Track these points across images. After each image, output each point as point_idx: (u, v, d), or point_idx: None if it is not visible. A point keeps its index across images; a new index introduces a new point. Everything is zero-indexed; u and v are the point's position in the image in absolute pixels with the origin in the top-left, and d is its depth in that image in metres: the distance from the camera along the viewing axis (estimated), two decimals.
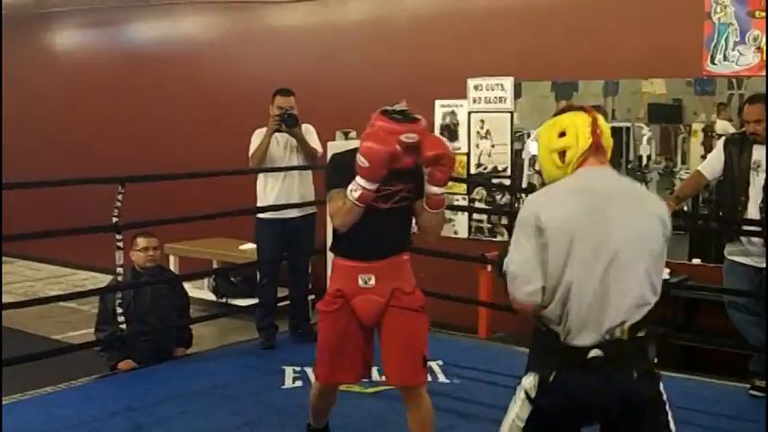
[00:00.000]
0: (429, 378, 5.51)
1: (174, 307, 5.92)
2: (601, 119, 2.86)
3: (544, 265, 2.69)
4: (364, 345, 3.97)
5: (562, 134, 2.82)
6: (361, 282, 3.82)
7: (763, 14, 5.98)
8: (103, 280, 7.38)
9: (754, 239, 5.15)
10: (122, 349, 5.67)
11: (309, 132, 6.39)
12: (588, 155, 2.81)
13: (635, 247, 2.70)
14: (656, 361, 2.80)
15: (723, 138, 5.50)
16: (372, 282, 3.81)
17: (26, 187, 7.93)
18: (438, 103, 7.56)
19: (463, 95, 7.42)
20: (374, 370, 5.64)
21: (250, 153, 6.29)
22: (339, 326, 3.89)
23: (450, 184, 7.27)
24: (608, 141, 2.86)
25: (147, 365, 5.72)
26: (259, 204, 6.41)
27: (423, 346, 3.85)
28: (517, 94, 7.14)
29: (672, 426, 2.82)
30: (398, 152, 3.58)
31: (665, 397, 2.80)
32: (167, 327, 5.89)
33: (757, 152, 5.12)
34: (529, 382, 2.76)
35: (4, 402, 4.87)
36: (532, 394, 2.75)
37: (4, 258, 10.69)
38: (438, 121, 7.57)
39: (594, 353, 2.65)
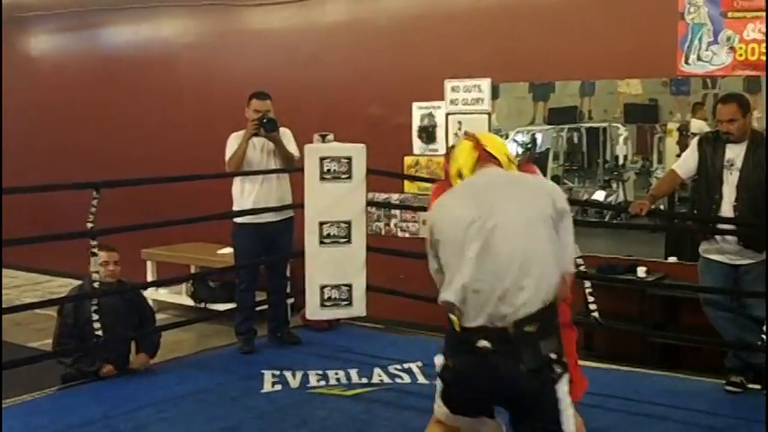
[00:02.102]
0: (408, 379, 5.57)
1: (131, 324, 5.78)
2: (483, 136, 3.31)
3: (445, 267, 3.04)
4: None
5: (455, 162, 3.27)
6: None
7: (737, 15, 6.02)
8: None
9: (729, 237, 5.19)
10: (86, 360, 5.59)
11: (287, 136, 6.37)
12: (478, 166, 3.20)
13: (517, 233, 2.94)
14: (555, 357, 2.88)
15: (697, 137, 5.53)
16: None
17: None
18: (416, 104, 7.56)
19: (441, 97, 7.43)
20: (354, 372, 5.69)
21: (227, 158, 6.25)
22: None
23: (428, 185, 7.37)
24: (498, 149, 3.25)
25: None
26: (236, 209, 6.38)
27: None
28: (494, 95, 7.16)
29: (564, 426, 2.90)
30: None
31: (559, 394, 2.89)
32: (113, 340, 5.68)
33: (730, 151, 5.15)
34: (438, 361, 3.06)
35: None
36: (439, 371, 3.06)
37: None
38: (416, 123, 7.57)
39: (481, 343, 2.88)
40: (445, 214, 3.10)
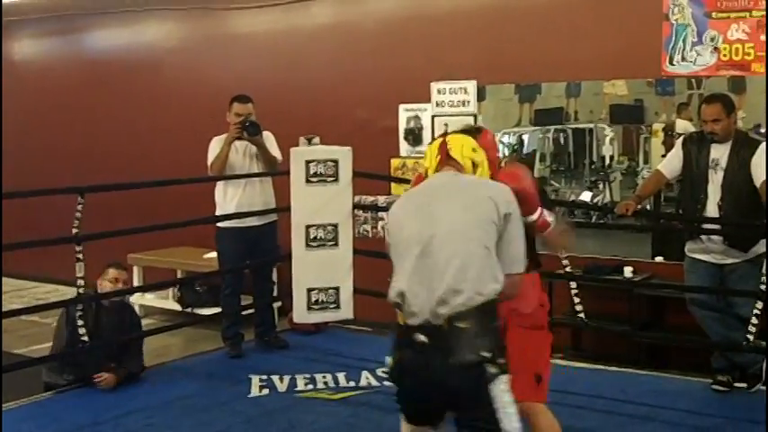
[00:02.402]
0: (382, 383, 5.55)
1: (124, 345, 5.77)
2: (452, 138, 3.40)
3: (394, 268, 3.17)
4: None
5: (424, 160, 3.40)
6: None
7: (721, 15, 6.04)
8: (66, 292, 7.32)
9: (714, 237, 5.20)
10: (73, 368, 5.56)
11: (269, 140, 6.35)
12: (440, 167, 3.32)
13: (455, 237, 3.04)
14: (488, 355, 2.92)
15: (681, 137, 5.55)
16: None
17: None
18: (402, 107, 7.56)
19: (427, 99, 7.43)
20: (341, 375, 5.69)
21: (209, 161, 6.23)
22: None
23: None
24: (462, 152, 3.32)
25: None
26: (219, 213, 6.35)
27: (534, 364, 3.75)
28: (481, 97, 7.16)
29: (503, 425, 2.95)
30: None
31: (494, 392, 2.94)
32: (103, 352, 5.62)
33: (715, 151, 5.16)
34: (388, 361, 3.15)
35: None
36: (387, 371, 3.18)
37: None
38: (402, 126, 7.57)
39: (418, 337, 2.99)
40: (393, 218, 3.27)
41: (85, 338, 5.40)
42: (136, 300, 8.17)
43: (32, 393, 5.47)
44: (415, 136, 7.55)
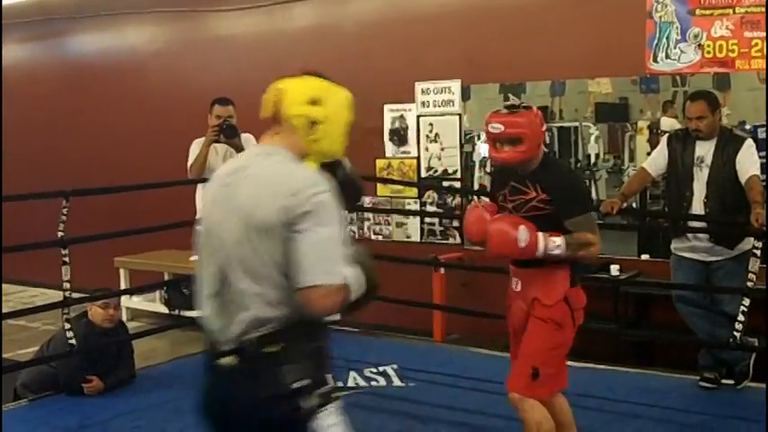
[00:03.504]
0: (383, 382, 5.55)
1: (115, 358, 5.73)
2: (288, 86, 2.63)
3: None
4: (514, 350, 3.87)
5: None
6: (513, 284, 3.82)
7: (704, 12, 6.06)
8: (52, 296, 7.27)
9: (700, 235, 5.22)
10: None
11: (250, 142, 6.31)
12: (269, 130, 2.59)
13: (243, 248, 2.41)
14: (300, 386, 2.40)
15: (666, 134, 5.57)
16: (519, 287, 3.78)
17: None
18: (387, 107, 7.56)
19: (412, 99, 7.44)
20: (353, 375, 5.67)
21: (189, 164, 6.21)
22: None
23: (400, 188, 7.38)
24: (291, 107, 2.56)
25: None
26: (199, 216, 6.31)
27: (535, 358, 3.65)
28: (465, 96, 7.17)
29: None
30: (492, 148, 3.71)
31: (317, 429, 2.47)
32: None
33: (700, 148, 5.18)
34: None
35: None
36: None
37: None
38: (387, 126, 7.57)
39: (219, 360, 2.48)
40: (202, 213, 2.63)
41: (73, 341, 5.37)
42: (123, 303, 8.13)
43: (19, 398, 5.45)
44: (400, 136, 7.54)
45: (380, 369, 5.80)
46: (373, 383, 5.57)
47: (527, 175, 3.66)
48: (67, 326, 5.39)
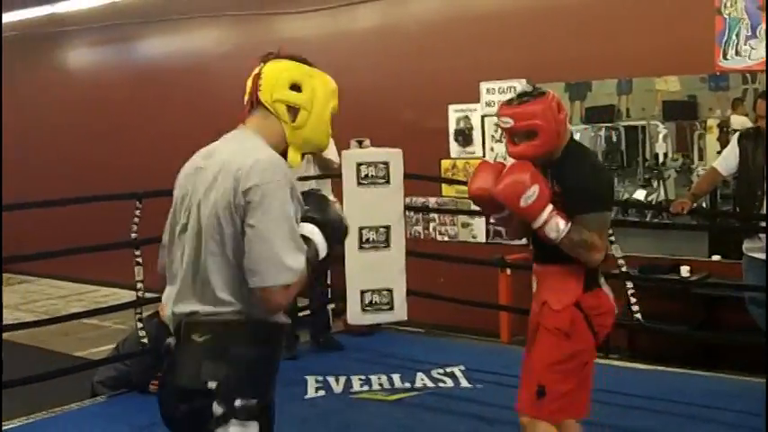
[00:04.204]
0: (451, 383, 5.55)
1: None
2: (268, 69, 2.54)
3: None
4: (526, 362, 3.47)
5: None
6: (533, 283, 3.50)
7: None
8: (124, 296, 7.42)
9: None
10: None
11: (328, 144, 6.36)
12: (247, 116, 2.51)
13: (199, 234, 2.34)
14: (214, 387, 2.26)
15: (737, 133, 5.48)
16: (534, 287, 3.46)
17: (39, 207, 7.90)
18: (451, 107, 7.56)
19: (476, 99, 7.42)
20: (397, 377, 5.70)
21: None
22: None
23: (466, 188, 7.35)
24: (270, 92, 2.47)
25: None
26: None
27: (540, 373, 3.27)
28: None
29: None
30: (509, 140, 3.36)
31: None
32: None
33: None
34: None
35: (29, 421, 4.94)
36: None
37: (25, 278, 10.80)
38: (452, 126, 7.57)
39: (168, 341, 2.42)
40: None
41: (145, 341, 5.48)
42: None
43: (95, 394, 5.58)
44: (464, 136, 7.53)
45: (448, 370, 5.81)
46: (440, 384, 5.58)
47: (548, 167, 3.29)
48: (140, 325, 5.51)
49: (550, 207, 3.17)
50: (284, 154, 2.45)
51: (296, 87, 2.47)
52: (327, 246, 2.47)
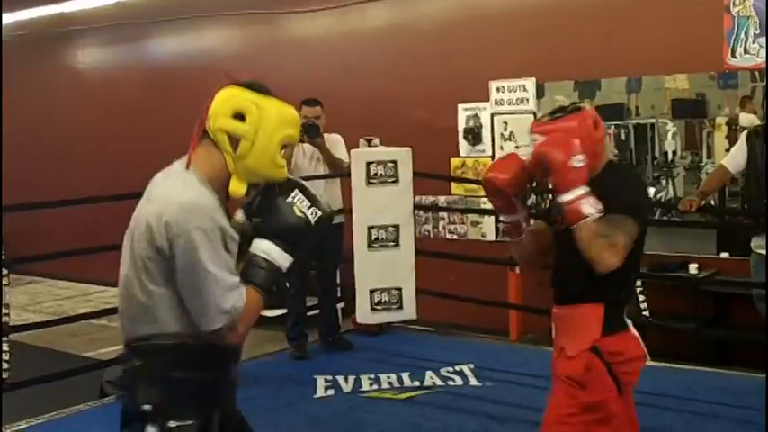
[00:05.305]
0: (460, 382, 5.56)
1: None
2: (219, 96, 2.50)
3: None
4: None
5: None
6: (553, 329, 3.14)
7: None
8: None
9: None
10: None
11: (337, 142, 6.35)
12: (193, 146, 2.49)
13: (136, 262, 2.35)
14: (149, 410, 2.31)
15: (745, 131, 5.47)
16: (554, 333, 3.10)
17: (47, 207, 7.96)
18: (461, 106, 7.57)
19: (486, 98, 7.43)
20: (406, 375, 5.70)
21: None
22: None
23: (475, 187, 7.37)
24: (214, 123, 2.43)
25: None
26: None
27: (549, 429, 2.92)
28: (540, 94, 7.14)
29: None
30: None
31: None
32: None
33: None
34: None
35: (38, 422, 4.96)
36: None
37: (33, 279, 10.83)
38: (461, 125, 7.58)
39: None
40: None
41: None
42: None
43: (105, 394, 5.59)
44: (474, 135, 7.54)
45: (457, 368, 5.81)
46: (450, 383, 5.58)
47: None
48: None
49: (588, 189, 2.76)
50: (228, 182, 2.42)
51: (239, 116, 2.40)
52: (295, 249, 2.44)
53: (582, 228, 2.73)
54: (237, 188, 2.40)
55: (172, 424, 2.29)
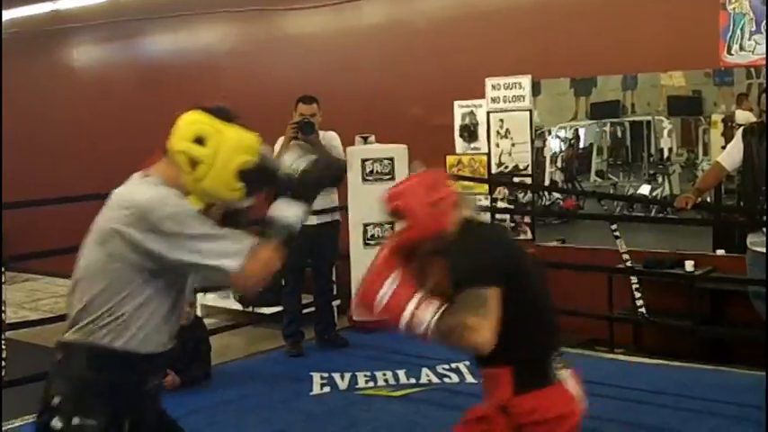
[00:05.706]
0: (456, 379, 5.56)
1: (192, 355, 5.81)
2: (183, 119, 2.65)
3: None
4: None
5: None
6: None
7: None
8: None
9: None
10: None
11: (333, 140, 6.33)
12: (154, 160, 2.65)
13: (84, 260, 2.54)
14: (56, 403, 2.40)
15: (741, 128, 5.48)
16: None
17: (43, 205, 7.93)
18: (457, 103, 7.56)
19: (482, 95, 7.42)
20: (402, 372, 5.70)
21: None
22: None
23: (471, 184, 7.37)
24: (175, 145, 2.59)
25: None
26: None
27: None
28: (536, 91, 7.14)
29: None
30: None
31: None
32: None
33: None
34: None
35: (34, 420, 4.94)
36: None
37: (30, 276, 10.82)
38: (457, 122, 7.57)
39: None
40: None
41: None
42: (198, 300, 8.26)
43: None
44: (470, 132, 7.54)
45: (453, 366, 5.80)
46: (446, 380, 5.58)
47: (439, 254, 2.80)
48: None
49: (418, 298, 2.69)
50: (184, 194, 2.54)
51: (200, 141, 2.51)
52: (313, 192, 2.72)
53: (432, 331, 2.64)
54: (194, 204, 2.53)
55: (75, 420, 2.36)
